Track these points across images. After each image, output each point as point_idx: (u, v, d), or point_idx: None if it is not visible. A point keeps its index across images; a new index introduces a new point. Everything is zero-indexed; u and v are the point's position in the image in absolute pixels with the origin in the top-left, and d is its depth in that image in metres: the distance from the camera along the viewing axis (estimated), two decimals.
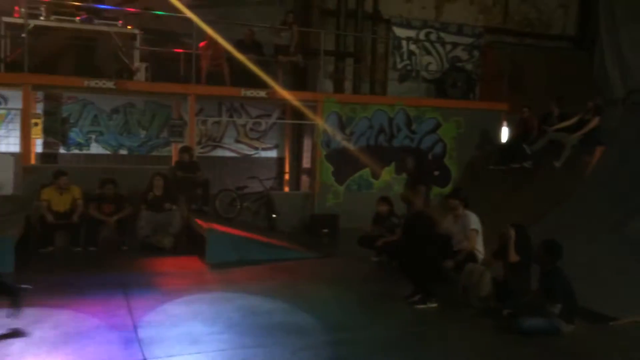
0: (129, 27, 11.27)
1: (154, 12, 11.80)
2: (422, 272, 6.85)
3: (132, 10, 11.88)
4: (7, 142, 11.49)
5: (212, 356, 5.07)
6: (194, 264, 8.77)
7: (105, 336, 5.42)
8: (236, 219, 11.07)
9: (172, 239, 9.58)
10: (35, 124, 10.68)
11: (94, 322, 5.78)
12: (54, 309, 6.13)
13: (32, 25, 10.33)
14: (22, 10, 10.30)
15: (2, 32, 10.44)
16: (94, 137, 12.49)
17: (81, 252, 9.23)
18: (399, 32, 15.10)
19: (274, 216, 11.55)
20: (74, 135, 12.36)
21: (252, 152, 13.74)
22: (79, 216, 9.31)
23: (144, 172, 10.40)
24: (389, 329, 6.05)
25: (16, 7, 10.62)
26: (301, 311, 6.39)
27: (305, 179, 13.19)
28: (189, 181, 10.51)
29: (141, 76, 11.24)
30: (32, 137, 10.63)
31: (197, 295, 6.95)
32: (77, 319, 5.86)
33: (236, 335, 5.59)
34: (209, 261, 8.66)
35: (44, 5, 10.63)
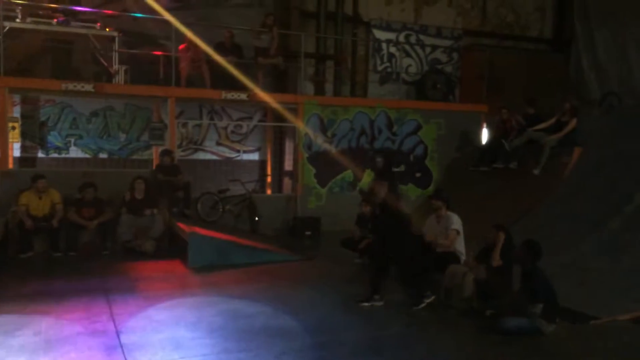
0: (108, 29, 11.16)
1: (133, 14, 11.71)
2: (406, 272, 6.85)
3: (110, 12, 11.79)
4: None
5: None
6: (176, 268, 8.73)
7: (87, 342, 5.36)
8: (218, 222, 11.03)
9: (153, 243, 9.52)
10: (12, 128, 10.54)
11: (75, 329, 5.71)
12: (34, 316, 6.05)
13: (7, 27, 10.20)
14: None
15: None
16: (73, 140, 12.37)
17: (61, 257, 9.15)
18: (378, 34, 15.18)
19: (257, 219, 11.53)
20: (53, 138, 12.23)
21: (234, 154, 13.70)
22: (59, 221, 9.22)
23: (125, 175, 10.34)
24: (372, 330, 6.06)
25: None
26: (284, 314, 6.39)
27: (287, 182, 13.19)
28: (170, 184, 10.46)
29: (120, 79, 11.17)
30: (10, 141, 10.49)
31: (179, 299, 6.92)
32: (58, 326, 5.79)
33: (219, 339, 5.57)
34: (192, 265, 8.63)
35: (20, 7, 10.50)
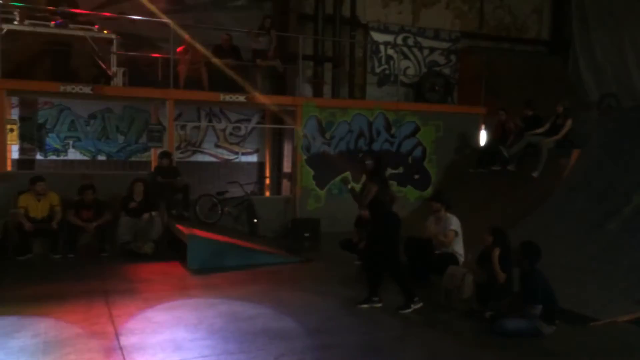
0: (106, 31, 11.17)
1: (131, 16, 11.72)
2: (396, 273, 6.77)
3: (108, 14, 11.79)
4: None
5: None
6: (175, 269, 8.73)
7: (86, 344, 5.34)
8: (217, 224, 11.02)
9: (152, 245, 9.53)
10: (10, 130, 10.54)
11: (74, 330, 5.70)
12: (34, 318, 6.04)
13: (5, 30, 10.20)
14: None
15: None
16: (71, 142, 12.36)
17: (60, 259, 9.14)
18: (376, 36, 15.21)
19: (255, 221, 11.53)
20: (51, 141, 12.22)
21: (232, 156, 13.71)
22: (58, 223, 9.21)
23: (123, 177, 10.36)
24: (371, 332, 6.06)
25: None
26: (284, 316, 6.38)
27: (286, 184, 13.19)
28: (169, 186, 10.46)
29: (119, 81, 11.15)
30: (8, 143, 10.48)
31: (179, 301, 6.91)
32: (57, 328, 5.78)
33: (219, 341, 5.56)
34: (191, 267, 8.63)
35: (18, 9, 10.50)
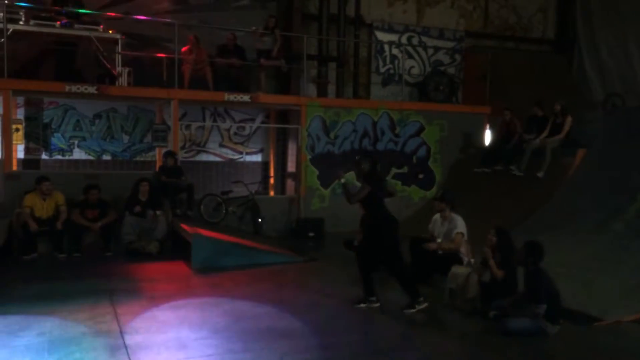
0: (111, 31, 11.19)
1: (136, 16, 11.75)
2: (400, 274, 6.74)
3: (113, 15, 11.82)
4: None
5: None
6: (179, 269, 8.74)
7: (91, 343, 5.36)
8: (221, 224, 11.03)
9: (157, 244, 9.55)
10: (16, 130, 10.59)
11: (80, 329, 5.71)
12: (39, 316, 6.06)
13: (11, 30, 10.24)
14: (1, 14, 10.18)
15: None
16: (76, 142, 12.40)
17: (65, 258, 9.17)
18: (381, 36, 15.20)
19: (260, 220, 11.54)
20: (56, 140, 12.27)
21: (237, 156, 13.72)
22: (63, 222, 9.24)
23: (128, 177, 10.38)
24: (375, 332, 6.07)
25: None
26: (288, 315, 6.38)
27: (290, 183, 13.20)
28: (173, 186, 10.48)
29: (123, 81, 11.18)
30: (14, 143, 10.52)
31: (183, 300, 6.92)
32: (62, 326, 5.79)
33: (223, 340, 5.56)
34: (195, 266, 8.64)
35: (24, 10, 10.53)
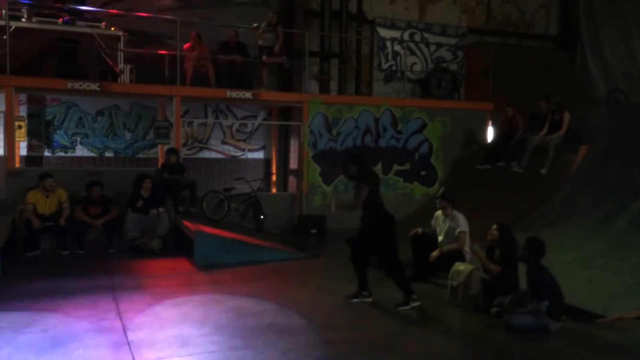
0: (113, 28, 11.20)
1: (138, 13, 11.74)
2: (393, 268, 6.64)
3: (115, 12, 11.82)
4: None
5: (203, 358, 5.03)
6: (182, 265, 8.75)
7: (94, 339, 5.37)
8: (224, 221, 11.04)
9: (160, 241, 9.56)
10: (19, 127, 10.60)
11: (83, 326, 5.72)
12: (42, 313, 6.07)
13: (13, 27, 10.25)
14: (3, 11, 10.19)
15: None
16: (79, 139, 12.44)
17: (68, 255, 9.19)
18: (383, 32, 15.18)
19: (262, 217, 11.55)
20: (59, 137, 12.29)
21: (239, 153, 13.73)
22: (66, 219, 9.25)
23: (131, 174, 10.37)
24: (378, 328, 6.06)
25: None
26: (290, 312, 6.38)
27: (292, 180, 13.20)
28: (176, 183, 10.49)
29: (126, 78, 11.19)
30: (16, 139, 10.54)
31: (186, 297, 6.94)
32: (65, 323, 5.80)
33: (226, 336, 5.57)
34: (197, 263, 8.65)
35: (26, 7, 10.54)
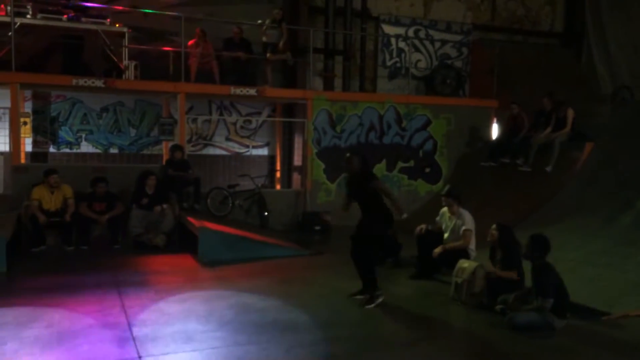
0: (117, 25, 11.21)
1: (142, 10, 11.75)
2: (367, 263, 6.61)
3: (120, 8, 11.83)
4: None
5: (207, 354, 5.06)
6: (186, 262, 8.77)
7: (99, 335, 5.40)
8: (228, 217, 11.05)
9: (164, 238, 9.58)
10: (24, 123, 10.64)
11: (87, 321, 5.75)
12: (47, 308, 6.10)
13: (18, 23, 10.26)
14: (9, 8, 10.22)
15: None
16: (84, 135, 12.47)
17: (73, 251, 9.22)
18: (388, 29, 15.13)
19: (266, 214, 11.56)
20: (64, 134, 12.33)
21: (243, 150, 13.74)
22: (71, 215, 9.28)
23: (135, 170, 10.39)
24: (381, 325, 6.07)
25: (1, 5, 10.54)
26: (294, 308, 6.40)
27: (296, 177, 13.20)
28: (180, 179, 10.51)
29: (130, 74, 11.20)
30: (22, 136, 10.59)
31: (190, 293, 6.95)
32: (70, 318, 5.83)
33: (230, 333, 5.59)
34: (202, 259, 8.66)
35: (31, 3, 10.56)
